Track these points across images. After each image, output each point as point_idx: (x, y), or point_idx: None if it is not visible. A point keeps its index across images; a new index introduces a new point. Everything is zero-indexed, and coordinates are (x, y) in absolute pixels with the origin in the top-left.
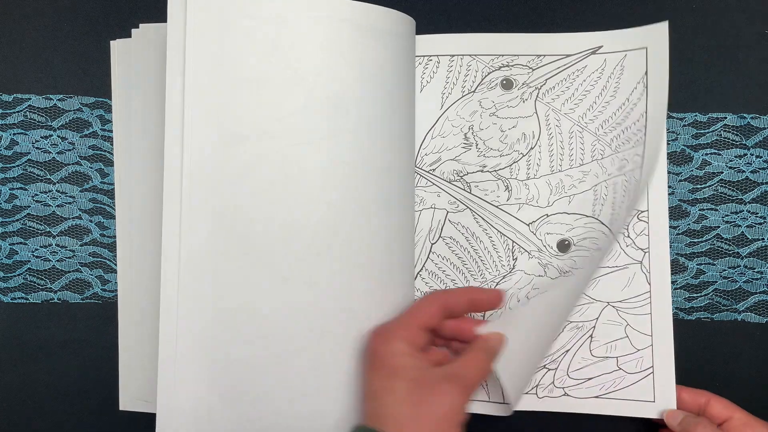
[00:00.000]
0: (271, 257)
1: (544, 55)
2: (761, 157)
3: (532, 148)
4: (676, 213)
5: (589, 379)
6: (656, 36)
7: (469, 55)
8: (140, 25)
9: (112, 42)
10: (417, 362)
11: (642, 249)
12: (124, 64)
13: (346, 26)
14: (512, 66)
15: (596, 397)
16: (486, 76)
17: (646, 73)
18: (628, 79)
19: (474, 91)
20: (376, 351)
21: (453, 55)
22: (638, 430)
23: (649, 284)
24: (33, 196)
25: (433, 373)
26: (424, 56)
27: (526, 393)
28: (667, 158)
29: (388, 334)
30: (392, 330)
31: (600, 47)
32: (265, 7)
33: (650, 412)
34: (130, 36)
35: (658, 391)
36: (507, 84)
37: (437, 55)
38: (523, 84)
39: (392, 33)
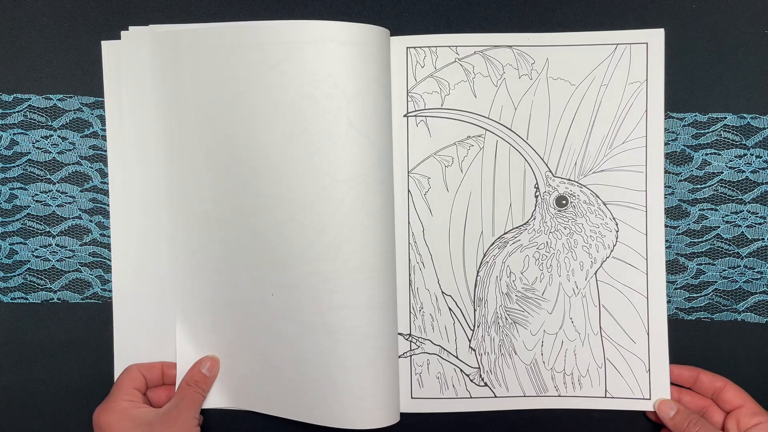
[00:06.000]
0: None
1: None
2: (761, 157)
3: None
4: (676, 213)
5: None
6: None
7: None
8: (129, 27)
9: (102, 42)
10: (144, 411)
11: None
12: (114, 65)
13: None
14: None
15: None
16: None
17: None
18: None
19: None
20: (104, 421)
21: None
22: (638, 429)
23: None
24: (33, 196)
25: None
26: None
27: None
28: (667, 158)
29: (111, 403)
30: (112, 400)
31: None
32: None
33: (647, 409)
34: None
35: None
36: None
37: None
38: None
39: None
